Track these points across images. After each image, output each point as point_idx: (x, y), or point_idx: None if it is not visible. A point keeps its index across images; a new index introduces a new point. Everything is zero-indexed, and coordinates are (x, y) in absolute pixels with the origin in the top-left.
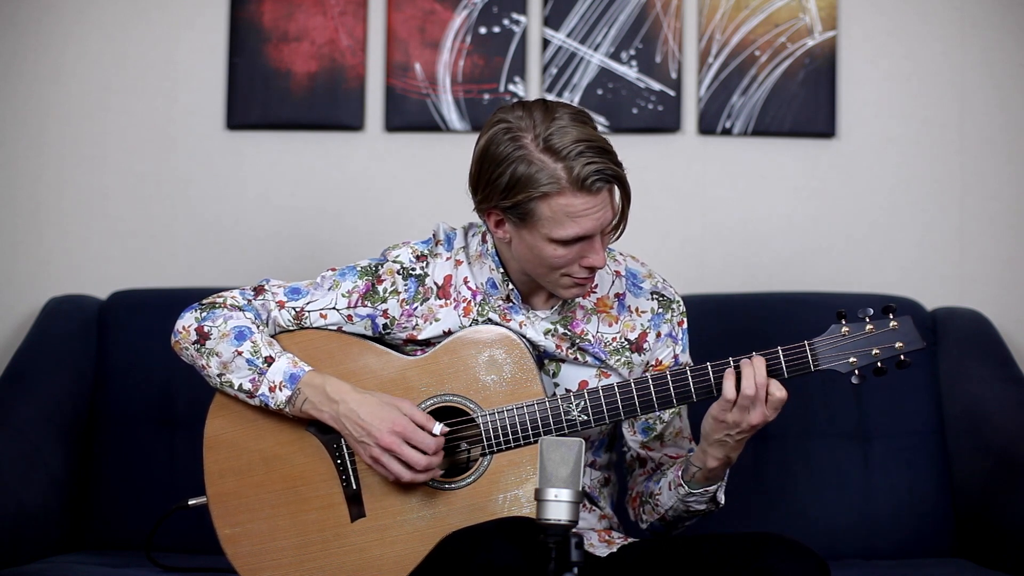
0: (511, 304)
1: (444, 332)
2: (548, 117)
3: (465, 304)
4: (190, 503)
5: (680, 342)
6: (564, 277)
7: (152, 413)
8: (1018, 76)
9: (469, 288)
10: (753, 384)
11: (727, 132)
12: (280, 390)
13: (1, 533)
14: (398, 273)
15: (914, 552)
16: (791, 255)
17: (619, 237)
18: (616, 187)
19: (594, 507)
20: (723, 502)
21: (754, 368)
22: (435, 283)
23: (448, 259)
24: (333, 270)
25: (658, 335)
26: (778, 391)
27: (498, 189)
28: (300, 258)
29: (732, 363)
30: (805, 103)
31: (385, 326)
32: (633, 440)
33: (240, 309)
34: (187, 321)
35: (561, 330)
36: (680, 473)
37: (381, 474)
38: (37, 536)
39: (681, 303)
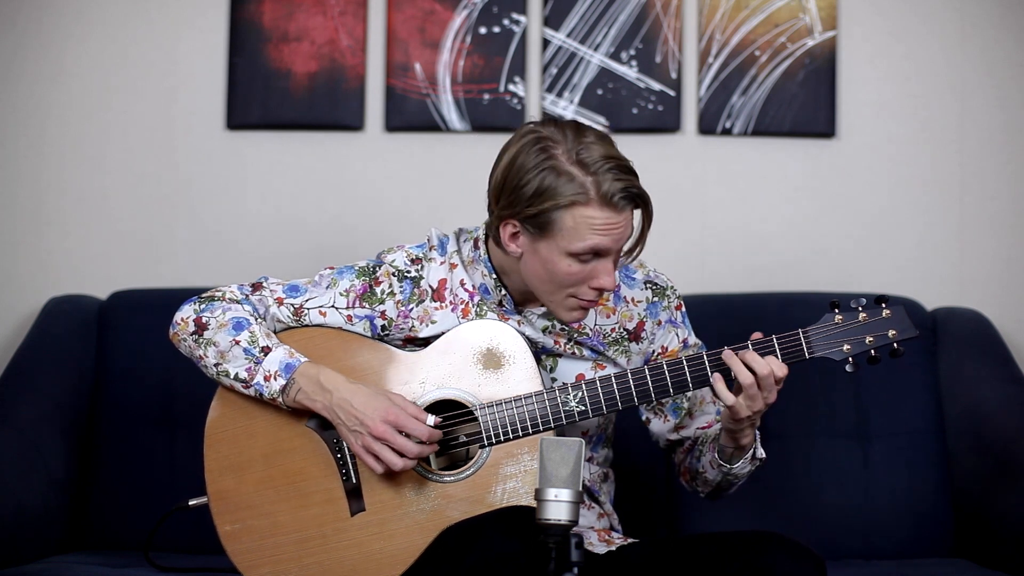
0: (504, 308)
1: (442, 333)
2: (579, 135)
3: (463, 306)
4: (190, 503)
5: (682, 326)
6: (570, 298)
7: (152, 413)
8: (1018, 76)
9: (466, 289)
10: (765, 365)
11: (727, 132)
12: (275, 379)
13: (1, 533)
14: (394, 275)
15: (914, 552)
16: (791, 255)
17: (632, 260)
18: (639, 209)
19: (594, 504)
20: (765, 455)
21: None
22: (430, 286)
23: (442, 263)
24: (331, 268)
25: (657, 323)
26: (779, 370)
27: (524, 197)
28: (300, 258)
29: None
30: (805, 103)
31: (383, 327)
32: (666, 426)
33: (238, 302)
34: (186, 313)
35: (558, 326)
36: (716, 455)
37: (371, 465)
38: (37, 536)
39: (675, 288)
